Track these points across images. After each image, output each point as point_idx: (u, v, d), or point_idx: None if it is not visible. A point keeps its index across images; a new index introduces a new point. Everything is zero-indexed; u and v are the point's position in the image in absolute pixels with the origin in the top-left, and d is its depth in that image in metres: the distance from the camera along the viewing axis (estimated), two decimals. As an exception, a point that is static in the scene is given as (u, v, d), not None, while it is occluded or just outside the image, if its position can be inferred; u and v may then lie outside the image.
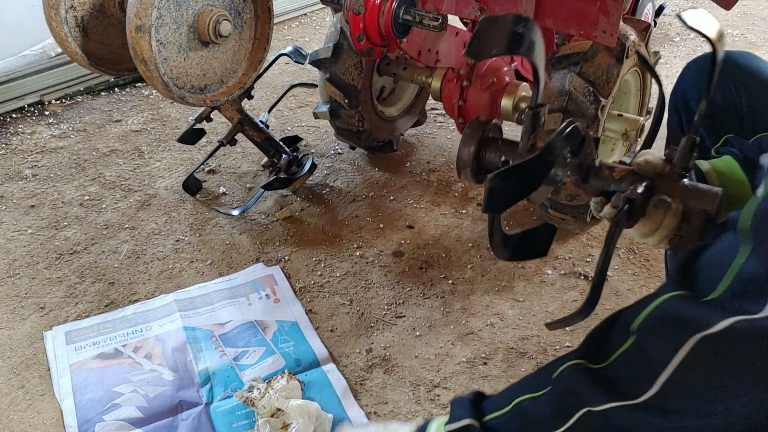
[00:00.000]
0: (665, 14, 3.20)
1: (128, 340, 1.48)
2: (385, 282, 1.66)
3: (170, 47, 1.51)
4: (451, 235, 1.83)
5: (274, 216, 1.89)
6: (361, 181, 2.05)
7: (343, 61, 1.84)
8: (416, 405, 1.35)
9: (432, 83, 1.84)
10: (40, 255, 1.73)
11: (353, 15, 1.59)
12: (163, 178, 2.06)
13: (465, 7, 1.66)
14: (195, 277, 1.67)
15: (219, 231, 1.83)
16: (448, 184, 2.04)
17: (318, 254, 1.75)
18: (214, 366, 1.41)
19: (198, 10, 1.54)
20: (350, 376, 1.41)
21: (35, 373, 1.41)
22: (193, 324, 1.52)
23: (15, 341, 1.48)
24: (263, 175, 2.07)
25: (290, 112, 2.44)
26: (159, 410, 1.32)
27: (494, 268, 1.70)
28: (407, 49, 1.70)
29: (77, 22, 1.61)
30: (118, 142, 2.24)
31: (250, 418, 1.30)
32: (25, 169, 2.07)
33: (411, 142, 2.25)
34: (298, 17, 3.34)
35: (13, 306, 1.57)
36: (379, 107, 2.06)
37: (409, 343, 1.49)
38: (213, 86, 1.68)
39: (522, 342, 1.49)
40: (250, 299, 1.60)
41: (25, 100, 2.38)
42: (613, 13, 1.43)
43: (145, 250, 1.75)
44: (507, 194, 0.78)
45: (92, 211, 1.90)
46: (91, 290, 1.62)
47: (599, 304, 0.76)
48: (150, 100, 2.51)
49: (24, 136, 2.25)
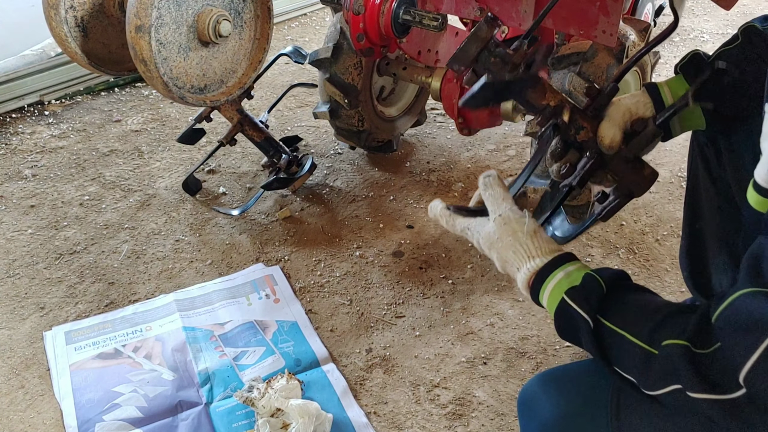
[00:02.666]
0: (665, 14, 3.20)
1: (128, 340, 1.48)
2: (385, 282, 1.66)
3: (170, 47, 1.51)
4: (451, 235, 1.83)
5: (274, 216, 1.89)
6: (361, 181, 2.05)
7: (343, 61, 1.84)
8: (416, 405, 1.35)
9: (432, 83, 1.84)
10: (40, 255, 1.73)
11: (353, 15, 1.59)
12: (163, 178, 2.06)
13: (465, 7, 1.66)
14: (195, 277, 1.67)
15: (219, 231, 1.83)
16: (448, 184, 2.04)
17: (318, 254, 1.75)
18: (214, 366, 1.41)
19: (198, 10, 1.54)
20: (350, 376, 1.41)
21: (35, 373, 1.41)
22: (193, 324, 1.52)
23: (15, 341, 1.48)
24: (263, 175, 2.07)
25: (290, 112, 2.44)
26: (159, 410, 1.32)
27: (494, 268, 1.70)
28: (407, 49, 1.71)
29: (77, 22, 1.61)
30: (118, 142, 2.24)
31: (250, 418, 1.30)
32: (25, 169, 2.07)
33: (411, 142, 2.25)
34: (298, 17, 3.34)
35: (13, 306, 1.57)
36: (379, 107, 2.06)
37: (409, 343, 1.49)
38: (213, 86, 1.68)
39: (522, 342, 1.49)
40: (250, 299, 1.60)
41: (25, 100, 2.38)
42: (613, 13, 1.43)
43: (145, 250, 1.75)
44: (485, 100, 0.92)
45: (92, 211, 1.90)
46: (91, 290, 1.62)
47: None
48: (150, 100, 2.51)
49: (24, 136, 2.25)
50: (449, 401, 1.36)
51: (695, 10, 3.43)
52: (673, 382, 0.66)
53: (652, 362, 0.68)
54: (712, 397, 0.62)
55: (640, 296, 0.77)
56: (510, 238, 0.85)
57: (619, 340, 0.72)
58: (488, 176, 0.91)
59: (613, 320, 0.73)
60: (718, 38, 3.12)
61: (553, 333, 1.51)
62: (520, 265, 0.84)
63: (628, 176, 0.98)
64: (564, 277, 0.80)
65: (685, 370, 0.64)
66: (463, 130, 1.80)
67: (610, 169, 0.98)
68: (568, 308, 0.77)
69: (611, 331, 0.73)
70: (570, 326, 0.78)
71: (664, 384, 0.67)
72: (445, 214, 0.95)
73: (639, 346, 0.70)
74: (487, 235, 0.88)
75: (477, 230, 0.90)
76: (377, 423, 1.31)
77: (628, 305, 0.75)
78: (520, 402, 0.93)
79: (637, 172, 0.98)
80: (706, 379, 0.63)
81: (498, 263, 0.88)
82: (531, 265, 0.83)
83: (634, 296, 0.77)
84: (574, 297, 0.77)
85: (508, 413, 1.33)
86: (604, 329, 0.74)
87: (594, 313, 0.75)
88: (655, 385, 0.68)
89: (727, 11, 3.05)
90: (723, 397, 0.62)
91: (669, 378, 0.66)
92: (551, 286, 0.80)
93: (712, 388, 0.62)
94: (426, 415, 1.33)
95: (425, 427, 1.31)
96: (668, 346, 0.67)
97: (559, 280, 0.80)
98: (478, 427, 1.31)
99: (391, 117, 2.11)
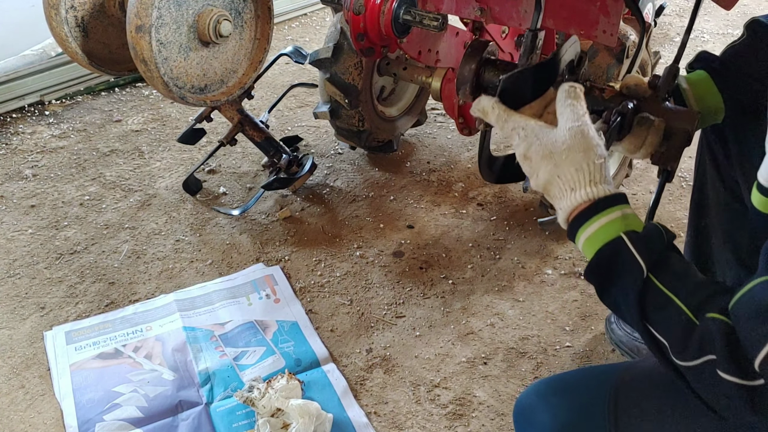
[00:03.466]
0: (665, 14, 3.20)
1: (128, 340, 1.48)
2: (385, 282, 1.66)
3: (170, 47, 1.51)
4: (451, 235, 1.83)
5: (274, 216, 1.89)
6: (361, 181, 2.05)
7: (344, 61, 1.84)
8: (416, 405, 1.35)
9: (432, 83, 1.84)
10: (41, 255, 1.73)
11: (353, 15, 1.59)
12: (163, 178, 2.06)
13: (465, 7, 1.66)
14: (195, 277, 1.67)
15: (219, 231, 1.83)
16: (448, 184, 2.04)
17: (318, 254, 1.75)
18: (214, 366, 1.41)
19: (198, 10, 1.54)
20: (350, 376, 1.41)
21: (35, 373, 1.41)
22: (193, 324, 1.52)
23: (15, 341, 1.48)
24: (263, 175, 2.07)
25: (290, 112, 2.44)
26: (159, 410, 1.32)
27: (494, 268, 1.70)
28: (407, 49, 1.70)
29: (77, 22, 1.61)
30: (118, 142, 2.24)
31: (250, 418, 1.30)
32: (26, 169, 2.07)
33: (411, 142, 2.25)
34: (298, 17, 3.34)
35: (13, 306, 1.57)
36: (380, 107, 2.05)
37: (409, 343, 1.49)
38: (213, 86, 1.68)
39: (522, 342, 1.49)
40: (250, 299, 1.60)
41: (25, 100, 2.38)
42: (613, 13, 1.43)
43: (145, 250, 1.76)
44: (515, 95, 0.84)
45: (92, 211, 1.90)
46: (91, 290, 1.62)
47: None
48: (150, 100, 2.51)
49: (24, 136, 2.25)
50: (449, 401, 1.36)
51: (695, 10, 3.43)
52: (709, 352, 0.64)
53: (693, 331, 0.66)
54: (740, 381, 0.62)
55: (688, 266, 0.73)
56: (580, 155, 0.76)
57: (664, 302, 0.69)
58: (574, 86, 0.81)
59: (663, 280, 0.70)
60: (719, 38, 3.12)
61: (553, 333, 1.51)
62: (578, 187, 0.76)
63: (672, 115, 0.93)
64: (620, 217, 0.74)
65: (721, 345, 0.63)
66: (464, 130, 1.80)
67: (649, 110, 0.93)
68: (624, 250, 0.72)
69: (658, 291, 0.70)
70: (611, 270, 0.73)
71: (700, 354, 0.65)
72: (499, 107, 0.83)
73: (685, 313, 0.67)
74: (552, 143, 0.78)
75: (536, 134, 0.79)
76: (377, 423, 1.31)
77: (678, 270, 0.72)
78: (517, 413, 0.92)
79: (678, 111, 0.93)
80: (737, 361, 0.62)
81: (544, 177, 0.78)
82: (590, 191, 0.75)
83: (683, 264, 0.73)
84: (635, 241, 0.72)
85: (509, 413, 1.33)
86: (651, 286, 0.70)
87: (652, 264, 0.70)
88: (691, 354, 0.66)
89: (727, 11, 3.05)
90: (746, 383, 0.62)
91: (706, 349, 0.65)
92: (604, 221, 0.74)
93: (742, 372, 0.62)
94: (426, 415, 1.33)
95: (425, 427, 1.31)
96: (711, 319, 0.65)
97: (617, 218, 0.74)
98: (478, 427, 1.31)
99: (391, 117, 2.11)
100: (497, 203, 1.95)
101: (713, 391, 0.66)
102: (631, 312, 0.72)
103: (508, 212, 1.91)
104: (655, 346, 0.71)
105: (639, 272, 0.70)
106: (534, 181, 0.80)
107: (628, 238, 0.72)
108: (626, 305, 0.72)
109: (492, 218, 1.89)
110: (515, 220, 1.89)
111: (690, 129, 0.91)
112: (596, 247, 0.74)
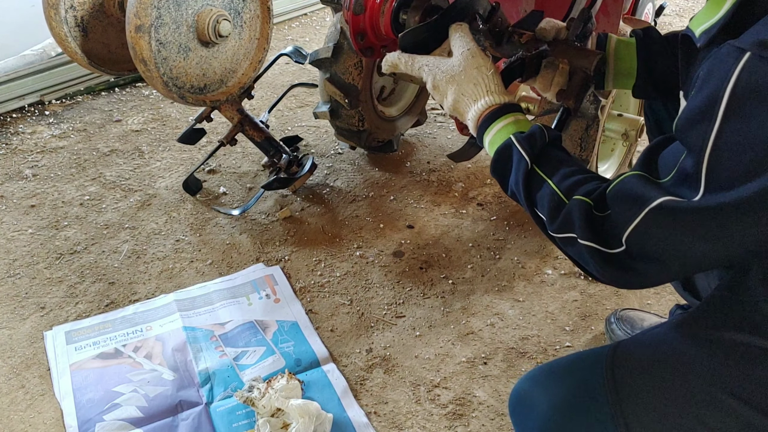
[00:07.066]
0: (665, 14, 3.21)
1: (128, 340, 1.48)
2: (385, 282, 1.66)
3: (170, 47, 1.51)
4: (451, 235, 1.83)
5: (274, 216, 1.89)
6: (361, 181, 2.05)
7: (343, 61, 1.84)
8: (416, 405, 1.35)
9: (432, 83, 1.84)
10: (41, 255, 1.73)
11: (353, 15, 1.59)
12: (163, 177, 2.06)
13: (465, 7, 1.66)
14: (195, 277, 1.67)
15: (219, 231, 1.83)
16: (448, 184, 2.04)
17: (318, 254, 1.75)
18: (214, 366, 1.41)
19: (198, 9, 1.54)
20: (350, 376, 1.41)
21: (35, 372, 1.41)
22: (193, 324, 1.52)
23: (15, 341, 1.48)
24: (263, 175, 2.07)
25: (290, 112, 2.44)
26: (159, 410, 1.32)
27: (494, 268, 1.70)
28: (407, 48, 1.70)
29: (77, 22, 1.61)
30: (118, 142, 2.24)
31: (250, 417, 1.30)
32: (26, 169, 2.07)
33: (411, 142, 2.25)
34: (298, 17, 3.34)
35: (13, 306, 1.57)
36: (379, 107, 2.06)
37: (409, 343, 1.49)
38: (213, 86, 1.68)
39: (522, 342, 1.49)
40: (250, 299, 1.60)
41: (25, 100, 2.38)
42: (613, 12, 1.43)
43: (145, 250, 1.76)
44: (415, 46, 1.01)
45: (92, 211, 1.90)
46: (91, 290, 1.62)
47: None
48: (150, 100, 2.51)
49: (24, 136, 2.25)
50: (449, 401, 1.36)
51: (695, 9, 3.43)
52: (570, 230, 0.80)
53: (561, 209, 0.81)
54: (596, 246, 0.77)
55: (567, 157, 0.89)
56: (474, 71, 0.92)
57: (543, 186, 0.85)
58: (460, 24, 0.99)
59: (543, 169, 0.85)
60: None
61: (553, 333, 1.51)
62: (479, 98, 0.92)
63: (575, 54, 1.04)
64: (513, 122, 0.90)
65: (580, 222, 0.78)
66: (464, 130, 1.80)
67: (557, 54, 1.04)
68: (513, 148, 0.87)
69: (539, 177, 0.85)
70: (506, 165, 0.89)
71: (564, 230, 0.81)
72: (403, 56, 1.01)
73: (557, 194, 0.83)
74: (450, 68, 0.94)
75: (437, 65, 0.96)
76: (377, 423, 1.31)
77: (556, 160, 0.87)
78: (513, 403, 0.93)
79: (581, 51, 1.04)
80: (596, 233, 0.77)
81: (451, 97, 0.94)
82: (488, 99, 0.91)
83: (563, 155, 0.88)
84: (521, 140, 0.87)
85: (508, 413, 1.33)
86: (534, 174, 0.86)
87: (534, 157, 0.86)
88: (558, 228, 0.82)
89: None
90: (606, 250, 0.77)
91: (568, 225, 0.80)
92: (501, 125, 0.90)
93: (600, 241, 0.77)
94: (426, 415, 1.33)
95: (425, 427, 1.31)
96: (577, 200, 0.80)
97: (510, 122, 0.90)
98: (478, 427, 1.31)
99: (391, 117, 2.11)
100: (497, 203, 1.95)
101: (575, 253, 0.81)
102: (521, 196, 0.87)
103: (508, 212, 1.91)
104: (539, 221, 0.87)
105: (524, 164, 0.86)
106: (446, 105, 0.96)
107: (515, 138, 0.87)
108: (518, 191, 0.87)
109: (492, 218, 1.89)
110: (515, 220, 1.89)
111: (588, 68, 1.02)
112: (494, 148, 0.90)
